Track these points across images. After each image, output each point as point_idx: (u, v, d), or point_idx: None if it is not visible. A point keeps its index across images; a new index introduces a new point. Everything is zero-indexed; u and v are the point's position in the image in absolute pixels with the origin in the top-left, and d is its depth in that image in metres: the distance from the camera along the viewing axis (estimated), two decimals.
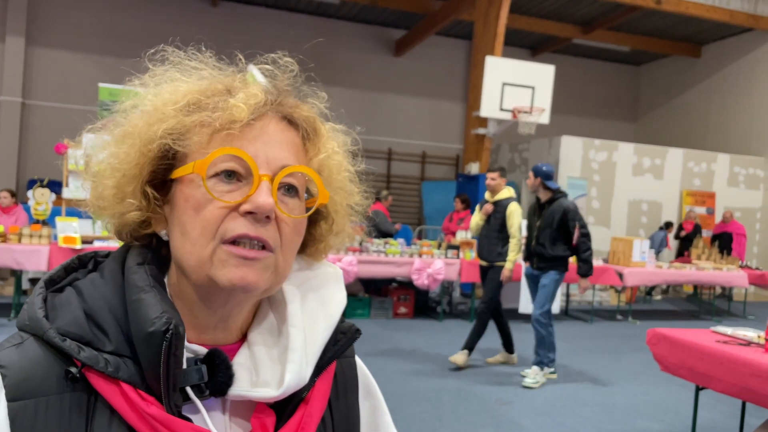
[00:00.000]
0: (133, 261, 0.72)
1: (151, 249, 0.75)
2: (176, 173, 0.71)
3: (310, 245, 0.81)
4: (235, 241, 0.67)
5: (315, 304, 0.77)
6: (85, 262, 0.76)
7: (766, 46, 13.53)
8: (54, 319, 0.67)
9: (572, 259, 8.90)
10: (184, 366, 0.68)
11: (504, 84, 10.00)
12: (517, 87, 10.07)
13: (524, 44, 15.43)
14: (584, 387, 5.48)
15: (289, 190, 0.71)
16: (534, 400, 4.99)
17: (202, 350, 0.71)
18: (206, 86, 0.73)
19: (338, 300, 0.79)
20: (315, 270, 0.81)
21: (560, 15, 13.65)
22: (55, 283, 0.72)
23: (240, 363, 0.72)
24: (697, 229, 11.71)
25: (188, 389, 0.68)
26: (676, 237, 12.02)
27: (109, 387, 0.65)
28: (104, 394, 0.65)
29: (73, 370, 0.64)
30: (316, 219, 0.80)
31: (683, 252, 11.49)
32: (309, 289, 0.79)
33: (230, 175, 0.68)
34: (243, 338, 0.76)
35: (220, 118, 0.69)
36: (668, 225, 11.87)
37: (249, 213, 0.67)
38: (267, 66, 0.77)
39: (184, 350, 0.68)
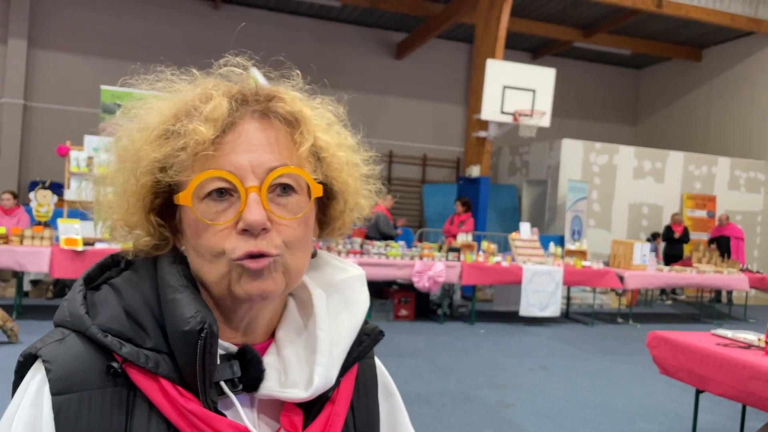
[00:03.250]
0: (165, 260, 0.74)
1: (178, 249, 0.77)
2: (175, 199, 0.72)
3: (327, 226, 0.82)
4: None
5: (340, 306, 0.79)
6: (118, 261, 0.78)
7: (766, 49, 13.55)
8: (95, 316, 0.69)
9: (573, 261, 8.91)
10: (218, 362, 0.70)
11: (505, 87, 10.01)
12: (517, 90, 10.08)
13: (525, 47, 15.45)
14: (585, 389, 5.48)
15: (285, 189, 0.71)
16: (534, 402, 5.00)
17: (234, 347, 0.73)
18: (175, 110, 0.72)
19: (362, 302, 0.81)
20: (340, 271, 0.83)
21: (561, 18, 13.67)
22: (93, 280, 0.75)
23: (269, 363, 0.74)
24: (685, 232, 11.59)
25: (222, 384, 0.70)
26: (666, 239, 11.71)
27: (149, 382, 0.67)
28: (144, 389, 0.67)
29: (115, 365, 0.66)
30: (328, 201, 0.80)
31: (673, 256, 11.38)
32: (334, 290, 0.81)
33: (222, 192, 0.69)
34: (270, 337, 0.78)
35: (187, 144, 0.69)
36: (656, 236, 11.71)
37: (245, 230, 0.68)
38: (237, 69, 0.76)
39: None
